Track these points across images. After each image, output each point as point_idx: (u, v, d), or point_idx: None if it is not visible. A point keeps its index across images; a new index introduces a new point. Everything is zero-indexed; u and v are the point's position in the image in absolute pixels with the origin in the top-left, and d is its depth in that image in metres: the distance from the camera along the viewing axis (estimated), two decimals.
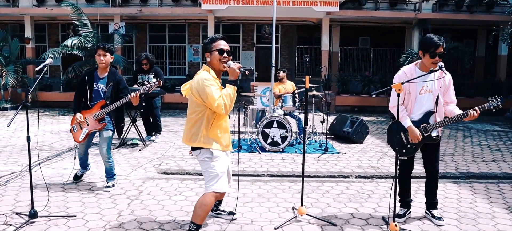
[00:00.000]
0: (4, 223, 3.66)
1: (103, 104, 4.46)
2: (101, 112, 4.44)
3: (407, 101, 3.67)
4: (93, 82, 4.54)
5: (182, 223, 3.73)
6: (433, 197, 3.85)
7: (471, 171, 5.77)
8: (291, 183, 5.08)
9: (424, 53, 3.54)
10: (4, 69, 12.32)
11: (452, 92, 3.68)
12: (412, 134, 3.57)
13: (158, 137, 7.78)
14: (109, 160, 4.66)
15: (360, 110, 13.14)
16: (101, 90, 4.54)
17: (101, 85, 4.55)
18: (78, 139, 4.60)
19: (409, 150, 3.69)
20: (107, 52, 4.55)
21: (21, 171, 5.47)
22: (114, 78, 4.58)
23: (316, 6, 12.66)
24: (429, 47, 3.49)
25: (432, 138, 3.64)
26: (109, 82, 4.53)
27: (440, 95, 3.59)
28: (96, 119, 4.48)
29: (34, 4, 14.35)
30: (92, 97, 4.53)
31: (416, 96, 3.60)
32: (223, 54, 3.18)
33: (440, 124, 3.55)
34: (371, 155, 6.72)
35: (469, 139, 8.44)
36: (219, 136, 3.22)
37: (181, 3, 14.62)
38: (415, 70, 3.64)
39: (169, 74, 16.19)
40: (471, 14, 14.21)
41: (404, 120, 3.62)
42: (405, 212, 3.89)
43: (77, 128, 4.58)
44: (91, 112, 4.49)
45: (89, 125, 4.52)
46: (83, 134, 4.54)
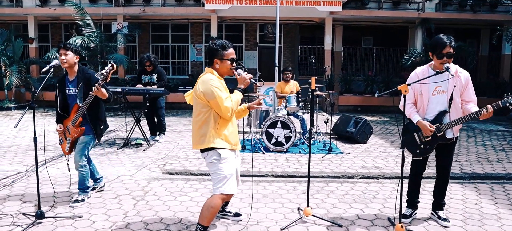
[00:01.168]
0: (11, 223, 3.68)
1: (78, 107, 4.13)
2: (77, 115, 4.11)
3: (419, 102, 3.64)
4: (64, 88, 4.21)
5: (188, 224, 3.74)
6: (441, 199, 3.84)
7: (475, 171, 5.76)
8: (296, 184, 5.09)
9: (433, 54, 3.52)
10: (8, 69, 12.34)
11: (472, 91, 3.56)
12: (424, 127, 3.51)
13: (162, 137, 7.80)
14: (82, 169, 4.24)
15: (363, 110, 13.13)
16: (73, 93, 4.20)
17: (72, 88, 4.21)
18: (65, 151, 4.30)
19: (423, 150, 3.63)
20: (69, 51, 4.12)
21: (27, 171, 5.50)
22: (83, 76, 4.18)
23: (319, 5, 12.65)
24: (436, 48, 3.46)
25: (446, 139, 3.57)
26: (79, 83, 4.16)
27: (455, 95, 3.51)
28: (74, 125, 4.15)
29: (37, 4, 14.40)
30: (68, 104, 4.22)
31: (429, 97, 3.56)
32: (233, 63, 3.28)
33: (453, 123, 3.47)
34: (375, 155, 6.72)
35: (473, 139, 8.43)
36: (227, 133, 3.22)
37: (184, 2, 14.64)
38: (428, 71, 3.60)
39: (172, 73, 16.20)
40: (475, 14, 14.18)
41: (412, 116, 3.59)
42: (411, 213, 3.88)
43: (63, 139, 4.30)
44: (70, 119, 4.19)
45: (71, 133, 4.21)
46: (68, 145, 4.26)
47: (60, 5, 14.22)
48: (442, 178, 3.77)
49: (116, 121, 10.21)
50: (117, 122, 10.02)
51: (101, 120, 4.33)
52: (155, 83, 7.46)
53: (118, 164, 5.98)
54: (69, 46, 4.13)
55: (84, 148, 4.23)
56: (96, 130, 4.26)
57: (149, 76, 7.56)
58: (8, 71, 12.32)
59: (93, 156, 6.40)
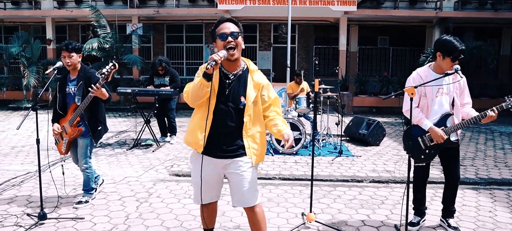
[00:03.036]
0: (14, 224, 3.71)
1: (76, 107, 4.05)
2: (74, 115, 4.03)
3: (423, 104, 3.52)
4: (65, 86, 4.15)
5: (189, 228, 3.69)
6: (451, 205, 3.68)
7: (492, 176, 5.53)
8: (303, 187, 4.98)
9: (444, 56, 3.38)
10: (26, 70, 12.64)
11: (467, 93, 3.55)
12: (436, 135, 3.39)
13: (173, 138, 7.81)
14: (87, 170, 4.23)
15: (378, 112, 12.87)
16: (72, 92, 4.13)
17: (72, 87, 4.13)
18: (61, 151, 4.23)
19: (427, 156, 3.51)
20: (73, 52, 4.05)
21: (36, 171, 5.57)
22: (84, 75, 4.11)
23: (333, 5, 12.47)
24: (453, 51, 3.33)
25: (451, 142, 3.46)
26: (79, 82, 4.09)
27: (456, 98, 3.45)
28: (71, 124, 4.06)
29: (55, 6, 14.68)
30: (67, 102, 4.14)
31: (433, 99, 3.46)
32: (226, 39, 2.54)
33: (459, 126, 3.39)
34: (387, 158, 6.54)
35: (491, 142, 8.13)
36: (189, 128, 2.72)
37: (198, 3, 14.68)
38: (429, 72, 3.50)
39: (186, 74, 16.27)
40: (496, 12, 13.71)
41: (422, 122, 3.44)
42: (419, 221, 3.73)
43: (59, 139, 4.21)
44: (67, 119, 4.11)
45: (67, 133, 4.12)
46: (64, 144, 4.18)
47: (76, 7, 14.46)
48: (452, 183, 3.62)
49: (129, 121, 10.29)
50: (129, 122, 10.11)
51: (99, 121, 4.24)
52: (168, 86, 7.49)
53: (127, 164, 6.00)
54: (71, 48, 4.05)
55: (86, 151, 4.20)
56: (94, 131, 4.18)
57: (161, 78, 7.59)
58: (26, 72, 12.61)
59: (102, 156, 6.47)
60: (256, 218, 2.74)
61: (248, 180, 2.65)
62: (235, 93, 2.62)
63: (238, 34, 2.57)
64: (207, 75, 2.45)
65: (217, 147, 2.62)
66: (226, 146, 2.63)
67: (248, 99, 2.61)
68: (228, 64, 2.63)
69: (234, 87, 2.62)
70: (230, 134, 2.63)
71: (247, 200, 2.68)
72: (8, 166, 5.87)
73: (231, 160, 2.64)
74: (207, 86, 2.48)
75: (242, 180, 2.64)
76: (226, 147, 2.63)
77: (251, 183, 2.67)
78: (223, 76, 2.63)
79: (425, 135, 3.48)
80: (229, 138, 2.63)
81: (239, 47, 2.59)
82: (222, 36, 2.55)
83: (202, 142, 2.59)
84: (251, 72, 2.68)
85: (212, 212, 2.95)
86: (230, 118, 2.61)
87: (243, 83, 2.64)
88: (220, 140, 2.62)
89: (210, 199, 2.80)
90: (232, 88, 2.62)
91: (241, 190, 2.65)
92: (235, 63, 2.64)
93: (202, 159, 2.61)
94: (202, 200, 2.73)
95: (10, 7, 15.21)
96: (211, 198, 2.80)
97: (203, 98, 2.55)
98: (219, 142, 2.62)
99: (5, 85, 13.61)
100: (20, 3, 15.14)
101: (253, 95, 2.63)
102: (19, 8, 15.17)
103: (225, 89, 2.61)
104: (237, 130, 2.63)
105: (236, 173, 2.64)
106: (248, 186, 2.65)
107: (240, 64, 2.67)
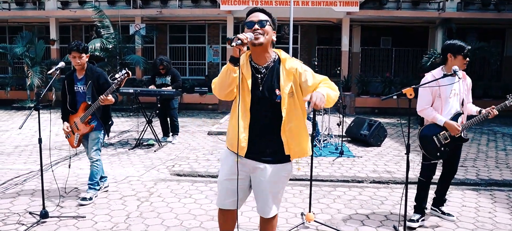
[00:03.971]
0: (17, 222, 3.76)
1: (86, 105, 4.24)
2: (86, 114, 4.22)
3: (437, 105, 3.69)
4: (73, 85, 4.32)
5: (188, 227, 3.72)
6: (444, 194, 3.96)
7: (493, 177, 5.52)
8: (303, 187, 5.00)
9: (456, 55, 3.61)
10: (30, 70, 12.72)
11: (470, 94, 3.85)
12: (452, 127, 3.57)
13: (175, 137, 7.85)
14: (96, 163, 4.39)
15: (380, 112, 12.86)
16: (81, 91, 4.30)
17: (80, 86, 4.30)
18: (73, 144, 4.43)
19: (442, 153, 3.69)
20: (83, 53, 4.21)
21: (39, 170, 5.61)
22: (92, 75, 4.28)
23: (336, 6, 12.47)
24: (461, 48, 3.60)
25: (463, 139, 3.71)
26: (88, 81, 4.26)
27: (465, 98, 3.69)
28: (83, 121, 4.27)
29: (59, 6, 14.77)
30: (76, 101, 4.32)
31: (446, 100, 3.65)
32: (253, 27, 2.40)
33: (472, 123, 3.64)
34: (388, 159, 6.55)
35: (493, 143, 8.11)
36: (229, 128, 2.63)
37: (201, 4, 14.72)
38: (441, 74, 3.61)
39: (189, 74, 16.32)
40: (499, 13, 13.66)
41: (437, 118, 3.63)
42: (419, 218, 3.80)
43: (70, 134, 4.40)
44: (77, 115, 4.29)
45: (79, 129, 4.32)
46: (76, 139, 4.38)
47: (80, 7, 14.55)
48: (450, 174, 3.88)
49: (131, 121, 10.34)
50: (131, 122, 10.16)
51: (109, 116, 4.49)
52: (169, 85, 7.52)
53: (128, 164, 6.04)
54: (82, 49, 4.20)
55: (97, 143, 4.39)
56: (106, 125, 4.41)
57: (163, 78, 7.63)
58: (30, 72, 12.69)
59: (104, 156, 6.51)
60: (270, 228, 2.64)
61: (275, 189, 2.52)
62: (269, 87, 2.42)
63: (266, 23, 2.42)
64: (234, 60, 2.26)
65: (256, 147, 2.46)
66: (264, 146, 2.46)
67: (282, 91, 2.41)
68: (257, 56, 2.47)
69: (267, 80, 2.43)
70: (268, 132, 2.46)
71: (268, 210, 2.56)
72: (11, 165, 5.93)
73: (264, 165, 2.47)
74: (234, 72, 2.29)
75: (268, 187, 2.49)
76: (264, 148, 2.46)
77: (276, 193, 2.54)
78: (254, 71, 2.46)
79: (439, 133, 3.67)
80: (267, 138, 2.46)
81: (267, 36, 2.41)
82: (249, 24, 2.42)
83: (244, 143, 2.43)
84: (283, 61, 2.48)
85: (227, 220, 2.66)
86: (267, 114, 2.43)
87: (276, 75, 2.44)
88: (258, 140, 2.45)
89: (231, 205, 2.56)
90: (265, 82, 2.43)
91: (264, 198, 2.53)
92: (264, 54, 2.46)
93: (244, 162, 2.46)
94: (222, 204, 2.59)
95: (14, 7, 15.32)
96: (232, 204, 2.56)
97: (231, 87, 2.37)
98: (257, 142, 2.45)
99: (9, 85, 13.70)
100: (24, 3, 15.24)
101: (287, 86, 2.41)
102: (23, 8, 15.27)
103: (258, 85, 2.44)
104: (275, 127, 2.44)
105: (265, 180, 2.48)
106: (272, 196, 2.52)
107: (271, 56, 2.49)
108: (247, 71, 2.45)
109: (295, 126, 2.46)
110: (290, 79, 2.43)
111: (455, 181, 5.28)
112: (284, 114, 2.41)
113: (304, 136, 2.53)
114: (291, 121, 2.44)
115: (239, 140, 2.38)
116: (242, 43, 2.23)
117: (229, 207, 2.57)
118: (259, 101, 2.43)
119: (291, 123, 2.44)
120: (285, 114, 2.41)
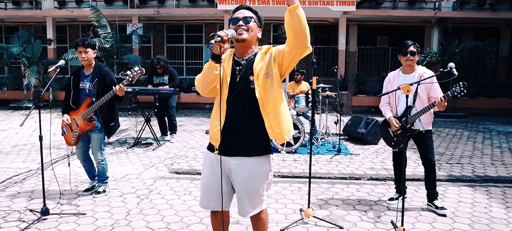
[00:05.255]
0: (18, 219, 3.78)
1: (90, 102, 4.18)
2: (88, 111, 4.16)
3: (392, 100, 4.16)
4: (79, 81, 4.28)
5: (188, 223, 3.76)
6: (432, 188, 4.11)
7: (488, 174, 5.60)
8: (301, 184, 5.05)
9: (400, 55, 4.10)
10: (27, 70, 12.70)
11: (438, 88, 3.96)
12: (391, 123, 4.07)
13: (173, 136, 7.87)
14: (102, 162, 4.44)
15: (377, 111, 12.87)
16: (87, 88, 4.26)
17: (87, 83, 4.28)
18: (70, 142, 4.35)
19: (396, 142, 4.09)
20: (89, 48, 4.21)
21: (38, 169, 5.63)
22: (99, 73, 4.26)
23: (333, 5, 12.53)
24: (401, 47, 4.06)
25: (413, 130, 3.97)
26: (95, 78, 4.24)
27: (420, 92, 3.89)
28: (84, 118, 4.20)
29: (55, 6, 14.74)
30: (80, 97, 4.27)
31: (399, 96, 4.05)
32: (237, 23, 2.41)
33: (417, 115, 3.90)
34: (385, 156, 6.61)
35: (489, 141, 8.19)
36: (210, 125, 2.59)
37: (198, 3, 14.74)
38: (398, 74, 4.17)
39: (186, 74, 16.33)
40: (494, 12, 13.78)
41: (386, 113, 4.18)
42: (398, 197, 4.19)
43: (68, 130, 4.33)
44: (79, 112, 4.23)
45: (79, 126, 4.24)
46: (74, 136, 4.30)
47: (77, 7, 14.52)
48: (427, 167, 4.08)
49: (129, 120, 10.36)
50: (129, 121, 10.17)
51: (113, 117, 4.40)
52: (167, 84, 7.55)
53: (127, 163, 6.07)
54: (88, 43, 4.20)
55: (100, 144, 4.39)
56: (107, 126, 4.34)
57: (160, 77, 7.65)
58: (27, 71, 12.66)
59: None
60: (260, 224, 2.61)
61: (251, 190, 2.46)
62: (245, 75, 2.42)
63: (251, 19, 2.42)
64: (215, 57, 2.29)
65: (232, 141, 2.42)
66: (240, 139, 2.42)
67: (254, 71, 2.38)
68: (240, 51, 2.47)
69: (244, 71, 2.44)
70: (247, 121, 2.41)
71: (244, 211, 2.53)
72: (10, 164, 5.93)
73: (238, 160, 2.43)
74: (216, 69, 2.32)
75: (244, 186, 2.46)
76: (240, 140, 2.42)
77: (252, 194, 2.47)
78: (234, 64, 2.47)
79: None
80: (246, 127, 2.42)
81: (251, 32, 2.42)
82: (234, 21, 2.43)
83: (218, 136, 2.41)
84: (261, 50, 2.49)
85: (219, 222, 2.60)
86: (244, 104, 2.40)
87: (251, 64, 2.44)
88: (236, 132, 2.41)
89: (216, 206, 2.54)
90: (243, 73, 2.44)
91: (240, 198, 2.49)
92: (247, 49, 2.46)
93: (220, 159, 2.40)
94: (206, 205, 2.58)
95: (10, 7, 15.28)
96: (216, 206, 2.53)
97: (212, 84, 2.40)
98: (234, 135, 2.41)
99: (6, 85, 13.67)
100: (20, 3, 15.20)
101: (260, 66, 2.39)
102: (20, 8, 15.23)
103: (236, 77, 2.44)
104: (255, 113, 2.39)
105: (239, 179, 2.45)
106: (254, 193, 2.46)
107: (253, 50, 2.49)
108: (228, 66, 2.46)
109: (274, 106, 2.40)
110: (263, 59, 2.41)
111: (451, 178, 5.37)
112: (260, 95, 2.36)
113: (285, 116, 2.47)
114: (269, 102, 2.39)
115: (215, 132, 2.42)
116: (222, 40, 2.22)
117: (215, 208, 2.56)
118: (235, 92, 2.42)
119: (270, 103, 2.39)
120: (260, 95, 2.36)
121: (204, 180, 2.58)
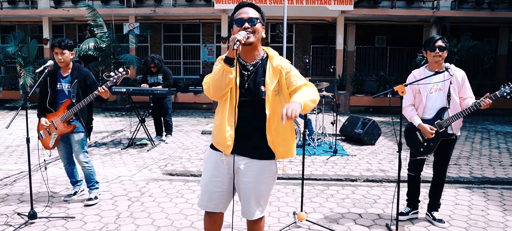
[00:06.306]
0: (4, 223, 3.70)
1: (69, 104, 4.03)
2: (69, 113, 4.00)
3: (418, 101, 3.72)
4: (56, 82, 4.12)
5: (179, 227, 3.68)
6: (437, 199, 3.85)
7: (486, 175, 5.52)
8: (296, 186, 4.97)
9: (426, 50, 3.67)
10: (23, 70, 12.60)
11: (468, 88, 3.67)
12: (424, 130, 3.59)
13: (169, 137, 7.79)
14: (87, 165, 4.22)
15: (375, 111, 12.87)
16: (65, 89, 4.10)
17: (65, 84, 4.11)
18: (48, 146, 4.17)
19: (426, 148, 3.69)
20: (65, 49, 4.04)
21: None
22: (79, 74, 4.12)
23: (330, 4, 12.45)
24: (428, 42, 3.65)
25: (448, 134, 3.62)
26: (74, 80, 4.08)
27: (452, 92, 3.59)
28: (64, 121, 4.04)
29: (51, 5, 14.65)
30: (57, 99, 4.11)
31: (427, 95, 3.65)
32: (242, 25, 2.31)
33: (454, 118, 3.55)
34: (382, 157, 6.53)
35: (487, 141, 8.12)
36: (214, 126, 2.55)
37: (195, 3, 14.66)
38: (424, 72, 3.72)
39: (184, 74, 16.26)
40: (493, 12, 13.71)
41: (413, 119, 3.68)
42: (409, 211, 3.88)
43: (45, 134, 4.16)
44: (57, 114, 4.07)
45: (58, 128, 4.08)
46: (53, 139, 4.12)
47: (73, 6, 14.43)
48: (439, 176, 3.79)
49: (124, 120, 10.27)
50: (125, 121, 10.09)
51: (92, 118, 4.32)
52: (161, 84, 7.46)
53: (120, 164, 5.99)
54: (64, 45, 4.05)
55: (82, 145, 4.19)
56: (88, 127, 4.21)
57: (155, 77, 7.56)
58: (23, 71, 12.57)
59: (96, 155, 6.46)
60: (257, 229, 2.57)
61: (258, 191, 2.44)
62: (255, 84, 2.37)
63: (256, 21, 2.34)
64: (230, 60, 2.20)
65: (240, 145, 2.38)
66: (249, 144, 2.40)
67: (267, 88, 2.34)
68: (246, 54, 2.40)
69: (253, 78, 2.38)
70: (254, 130, 2.39)
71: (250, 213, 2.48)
72: (2, 166, 5.85)
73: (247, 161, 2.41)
74: (230, 73, 2.23)
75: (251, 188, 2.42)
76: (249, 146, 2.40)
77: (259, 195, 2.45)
78: (241, 68, 2.40)
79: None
80: (253, 136, 2.39)
81: (257, 34, 2.35)
82: (239, 22, 2.33)
83: (230, 142, 2.35)
84: (270, 58, 2.41)
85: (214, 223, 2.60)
86: (253, 112, 2.37)
87: (262, 72, 2.38)
88: (243, 138, 2.38)
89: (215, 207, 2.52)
90: (251, 80, 2.38)
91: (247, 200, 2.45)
92: (253, 52, 2.40)
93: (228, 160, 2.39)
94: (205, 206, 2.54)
95: (6, 6, 15.18)
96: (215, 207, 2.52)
97: (226, 88, 2.31)
98: (242, 140, 2.38)
99: (1, 85, 13.58)
100: (16, 2, 15.10)
101: (273, 83, 2.35)
102: (16, 7, 15.13)
103: (244, 82, 2.38)
104: (261, 126, 2.37)
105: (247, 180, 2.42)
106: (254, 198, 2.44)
107: (259, 53, 2.43)
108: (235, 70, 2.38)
109: (281, 125, 2.35)
110: (276, 76, 2.37)
111: (448, 179, 5.27)
112: (269, 112, 2.33)
113: (290, 135, 2.46)
114: (276, 119, 2.36)
115: (225, 138, 2.35)
116: (241, 43, 2.18)
117: (213, 209, 2.52)
118: (245, 99, 2.37)
119: (275, 121, 2.36)
120: (269, 112, 2.34)
121: (206, 180, 2.52)
